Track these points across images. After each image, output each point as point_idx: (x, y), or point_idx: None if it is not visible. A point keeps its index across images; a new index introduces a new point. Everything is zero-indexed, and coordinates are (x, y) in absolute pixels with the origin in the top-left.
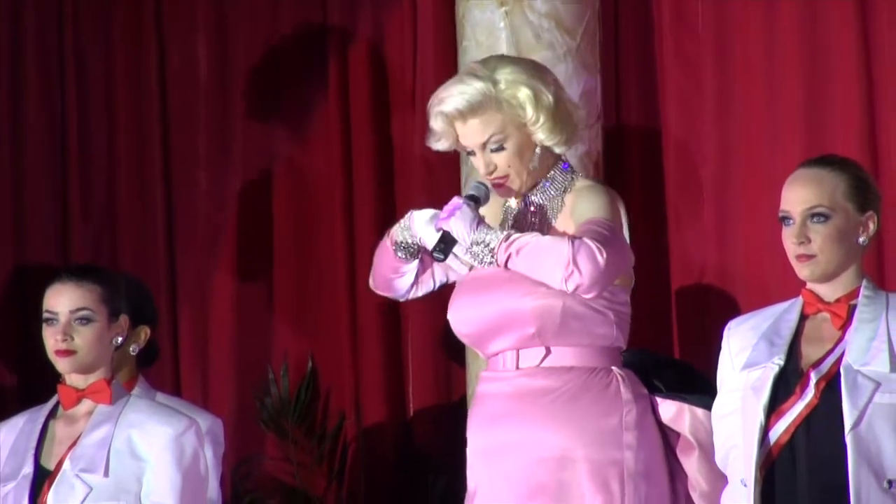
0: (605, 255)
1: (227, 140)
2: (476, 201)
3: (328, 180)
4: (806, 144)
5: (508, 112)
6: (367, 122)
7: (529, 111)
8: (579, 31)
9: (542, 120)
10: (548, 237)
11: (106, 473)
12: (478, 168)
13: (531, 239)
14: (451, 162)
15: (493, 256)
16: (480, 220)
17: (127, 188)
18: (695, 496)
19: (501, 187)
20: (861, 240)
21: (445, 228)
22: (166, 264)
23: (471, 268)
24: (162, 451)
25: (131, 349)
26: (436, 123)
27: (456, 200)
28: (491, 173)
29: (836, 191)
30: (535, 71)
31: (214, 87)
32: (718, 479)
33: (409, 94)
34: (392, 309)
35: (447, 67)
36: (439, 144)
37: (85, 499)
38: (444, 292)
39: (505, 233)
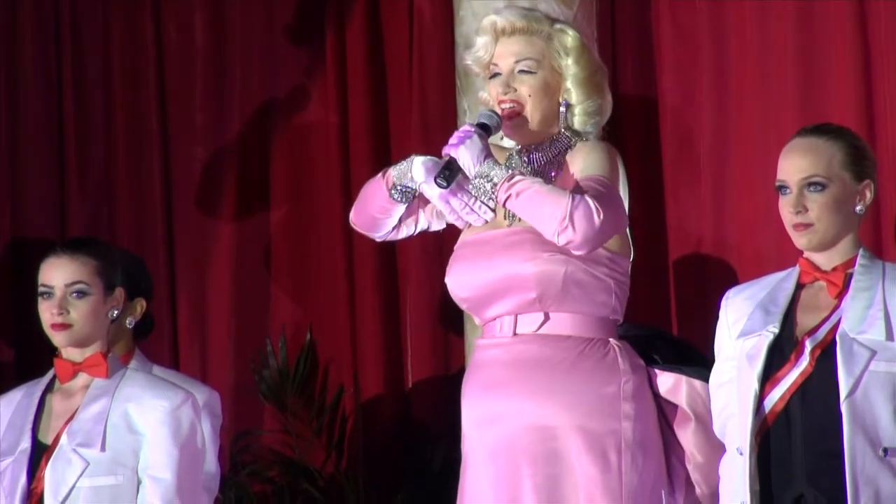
0: (602, 216)
1: (224, 113)
2: (487, 130)
3: (326, 152)
4: (802, 113)
5: (551, 51)
6: (364, 94)
7: (570, 59)
8: (576, 1)
9: (576, 72)
10: (551, 187)
11: (103, 448)
12: (492, 94)
13: (534, 185)
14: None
15: (494, 192)
16: (488, 154)
17: (124, 162)
18: (690, 468)
19: (510, 120)
20: (858, 208)
21: (453, 155)
22: (164, 238)
23: (468, 225)
24: (158, 425)
25: (128, 322)
26: (482, 36)
27: (467, 128)
28: (506, 94)
29: (833, 160)
30: (588, 42)
31: (211, 60)
32: (714, 452)
33: (405, 65)
34: (390, 280)
35: (444, 38)
36: (471, 58)
37: (82, 473)
38: (444, 261)
39: (510, 172)
